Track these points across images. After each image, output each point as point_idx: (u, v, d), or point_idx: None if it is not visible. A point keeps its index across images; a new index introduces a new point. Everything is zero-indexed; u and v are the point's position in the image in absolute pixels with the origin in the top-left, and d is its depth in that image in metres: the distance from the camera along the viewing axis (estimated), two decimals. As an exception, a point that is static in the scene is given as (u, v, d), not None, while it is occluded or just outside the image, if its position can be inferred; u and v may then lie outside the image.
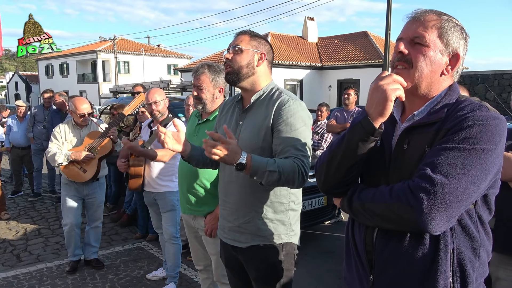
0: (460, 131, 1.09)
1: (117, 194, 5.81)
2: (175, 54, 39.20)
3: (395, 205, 1.10)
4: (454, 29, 1.19)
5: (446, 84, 1.23)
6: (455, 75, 1.25)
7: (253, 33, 1.87)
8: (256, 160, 1.59)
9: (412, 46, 1.20)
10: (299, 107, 1.75)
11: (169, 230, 3.29)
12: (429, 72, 1.19)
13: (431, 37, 1.18)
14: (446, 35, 1.18)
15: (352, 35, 23.25)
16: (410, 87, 1.20)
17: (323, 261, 4.04)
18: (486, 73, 11.48)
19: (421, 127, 1.19)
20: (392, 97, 1.14)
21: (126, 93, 7.45)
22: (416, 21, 1.21)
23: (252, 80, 1.82)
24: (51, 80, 39.21)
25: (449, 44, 1.19)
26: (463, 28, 1.23)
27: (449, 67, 1.21)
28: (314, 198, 4.33)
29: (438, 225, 1.05)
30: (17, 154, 6.75)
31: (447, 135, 1.11)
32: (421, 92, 1.22)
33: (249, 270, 1.90)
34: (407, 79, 1.19)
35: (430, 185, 1.04)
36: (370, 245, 1.27)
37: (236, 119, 1.88)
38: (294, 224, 1.88)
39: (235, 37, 1.85)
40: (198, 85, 2.36)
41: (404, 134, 1.22)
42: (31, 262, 4.11)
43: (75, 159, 3.48)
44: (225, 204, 1.90)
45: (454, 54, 1.20)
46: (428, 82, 1.20)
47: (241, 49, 1.79)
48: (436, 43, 1.18)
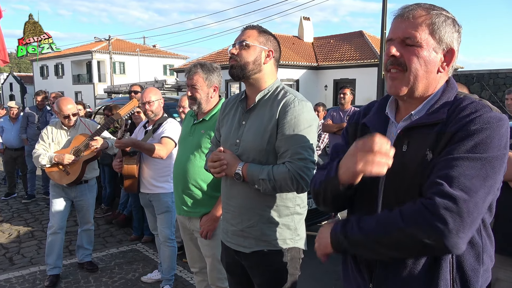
0: (469, 137, 1.03)
1: (111, 195, 5.75)
2: (171, 54, 39.11)
3: (412, 230, 0.99)
4: (445, 23, 1.12)
5: (443, 80, 1.19)
6: (451, 70, 1.20)
7: (262, 28, 1.80)
8: (250, 169, 1.63)
9: (404, 48, 1.13)
10: (304, 108, 1.69)
11: (164, 232, 3.24)
12: (424, 73, 1.13)
13: (422, 36, 1.11)
14: (438, 31, 1.12)
15: (347, 35, 23.29)
16: (407, 91, 1.15)
17: (321, 262, 4.00)
18: (481, 72, 11.52)
19: (420, 127, 1.13)
20: (358, 176, 1.07)
21: (120, 93, 7.39)
22: (405, 19, 1.14)
23: (257, 77, 1.76)
24: (46, 81, 39.01)
25: (442, 40, 1.12)
26: (455, 19, 1.16)
27: (445, 63, 1.15)
28: (311, 198, 4.29)
29: (464, 244, 0.98)
30: (10, 156, 6.68)
31: (454, 141, 1.05)
32: (419, 94, 1.16)
33: (252, 275, 1.84)
34: (402, 83, 1.14)
35: (452, 203, 0.97)
36: None
37: (239, 119, 1.81)
38: (299, 228, 1.83)
39: (243, 31, 1.78)
40: (192, 85, 2.32)
41: (402, 135, 1.17)
42: (24, 265, 4.04)
43: (58, 161, 3.42)
44: (228, 207, 1.84)
45: (449, 50, 1.14)
46: (425, 83, 1.15)
47: (248, 44, 1.72)
48: (428, 42, 1.11)
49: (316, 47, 23.53)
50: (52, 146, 3.56)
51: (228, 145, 1.79)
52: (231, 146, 1.77)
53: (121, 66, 35.71)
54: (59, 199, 3.59)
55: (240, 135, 1.76)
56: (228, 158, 1.70)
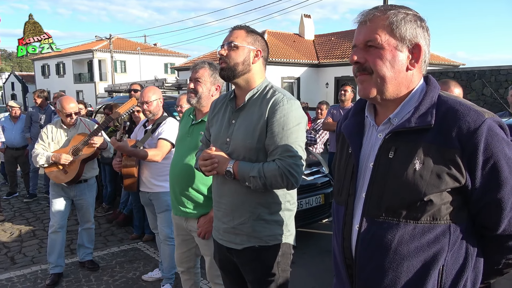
0: (499, 167, 1.05)
1: (112, 194, 5.76)
2: (172, 53, 39.06)
3: None
4: (404, 21, 1.11)
5: (417, 78, 1.16)
6: (423, 65, 1.16)
7: (249, 28, 1.82)
8: (241, 167, 1.68)
9: (367, 52, 1.13)
10: (292, 107, 1.71)
11: (164, 230, 3.24)
12: (392, 74, 1.12)
13: (382, 37, 1.10)
14: (397, 29, 1.10)
15: (348, 32, 23.18)
16: (376, 94, 1.14)
17: (321, 260, 4.01)
18: (482, 69, 11.46)
19: (408, 133, 1.11)
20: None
21: (121, 92, 7.39)
22: (364, 24, 1.14)
23: (247, 77, 1.78)
24: (48, 80, 39.01)
25: (404, 37, 1.10)
26: (417, 15, 1.14)
27: (413, 60, 1.13)
28: (311, 196, 4.29)
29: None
30: (11, 155, 6.68)
31: (483, 170, 1.05)
32: (390, 95, 1.14)
33: (244, 272, 1.86)
34: (370, 85, 1.13)
35: None
36: (350, 259, 1.21)
37: (228, 118, 1.83)
38: (289, 224, 1.85)
39: (230, 32, 1.80)
40: (196, 78, 2.32)
41: (389, 140, 1.14)
42: (26, 264, 4.06)
43: (55, 161, 3.43)
44: (219, 205, 1.86)
45: (414, 45, 1.12)
46: (395, 84, 1.13)
47: (236, 45, 1.74)
48: (390, 42, 1.10)
49: (317, 45, 23.46)
50: (52, 146, 3.56)
51: (219, 144, 1.81)
52: (221, 145, 1.80)
53: (122, 65, 35.68)
54: (59, 199, 3.59)
55: (230, 134, 1.78)
56: (218, 156, 1.73)
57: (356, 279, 1.18)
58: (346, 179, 1.23)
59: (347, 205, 1.22)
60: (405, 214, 1.09)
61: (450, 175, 1.05)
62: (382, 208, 1.11)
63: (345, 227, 1.22)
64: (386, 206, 1.11)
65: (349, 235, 1.20)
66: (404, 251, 1.09)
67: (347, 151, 1.26)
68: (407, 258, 1.09)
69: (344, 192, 1.24)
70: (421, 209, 1.07)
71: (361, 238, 1.15)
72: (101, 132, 3.59)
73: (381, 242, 1.11)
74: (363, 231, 1.15)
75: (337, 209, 1.29)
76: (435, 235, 1.08)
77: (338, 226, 1.26)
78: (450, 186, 1.06)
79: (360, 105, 1.30)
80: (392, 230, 1.10)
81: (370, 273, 1.14)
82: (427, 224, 1.08)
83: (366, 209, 1.15)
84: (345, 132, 1.28)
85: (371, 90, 1.14)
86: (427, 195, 1.06)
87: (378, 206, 1.13)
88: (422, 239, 1.08)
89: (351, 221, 1.20)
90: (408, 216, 1.09)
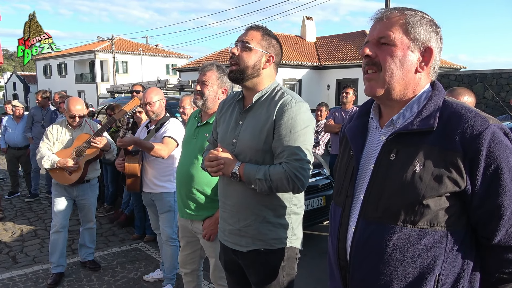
0: (500, 174, 1.03)
1: (114, 194, 5.77)
2: (174, 54, 39.11)
3: None
4: (420, 23, 1.11)
5: (424, 82, 1.15)
6: (432, 71, 1.15)
7: (266, 31, 1.78)
8: (247, 169, 1.66)
9: (379, 48, 1.12)
10: (301, 109, 1.69)
11: (167, 231, 3.25)
12: (400, 72, 1.10)
13: (396, 35, 1.10)
14: (412, 30, 1.10)
15: (350, 35, 23.24)
16: (383, 92, 1.13)
17: (322, 261, 4.01)
18: (484, 72, 11.47)
19: (410, 135, 1.10)
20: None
21: (123, 93, 7.41)
22: (380, 21, 1.14)
23: (255, 81, 1.77)
24: (49, 80, 39.10)
25: (418, 38, 1.10)
26: (433, 21, 1.14)
27: (423, 63, 1.12)
28: (312, 198, 4.30)
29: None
30: (13, 155, 6.70)
31: (484, 176, 1.04)
32: (397, 95, 1.13)
33: (249, 274, 1.85)
34: (378, 84, 1.13)
35: None
36: (344, 260, 1.20)
37: (236, 119, 1.82)
38: (296, 228, 1.83)
39: (246, 31, 1.77)
40: (203, 80, 2.32)
41: (391, 142, 1.13)
42: (27, 263, 4.07)
43: (61, 166, 3.45)
44: (224, 206, 1.85)
45: (426, 49, 1.11)
46: (403, 84, 1.12)
47: (250, 47, 1.71)
48: (403, 40, 1.10)
49: (319, 47, 23.50)
50: (56, 145, 3.58)
51: (225, 144, 1.80)
52: (227, 146, 1.79)
53: (124, 66, 35.73)
54: (61, 198, 3.61)
55: (237, 135, 1.77)
56: (225, 158, 1.71)
57: (349, 281, 1.17)
58: (346, 180, 1.23)
59: (344, 206, 1.22)
60: (402, 217, 1.07)
61: (450, 179, 1.03)
62: (380, 210, 1.11)
63: (341, 228, 1.21)
64: (384, 208, 1.10)
65: (344, 236, 1.19)
66: (400, 255, 1.07)
67: (348, 153, 1.26)
68: (402, 263, 1.07)
69: (343, 193, 1.24)
70: (419, 213, 1.06)
71: (357, 240, 1.14)
72: (105, 133, 3.60)
73: (377, 244, 1.10)
74: (358, 233, 1.14)
75: (334, 209, 1.28)
76: (432, 241, 1.06)
77: (334, 227, 1.25)
78: (449, 190, 1.04)
79: (365, 108, 1.29)
80: (388, 233, 1.09)
81: (364, 275, 1.13)
82: (424, 229, 1.06)
83: (363, 211, 1.14)
84: (348, 134, 1.28)
85: (378, 90, 1.13)
86: (425, 198, 1.04)
87: (375, 208, 1.12)
88: (419, 244, 1.06)
89: (347, 222, 1.19)
90: (405, 220, 1.07)
